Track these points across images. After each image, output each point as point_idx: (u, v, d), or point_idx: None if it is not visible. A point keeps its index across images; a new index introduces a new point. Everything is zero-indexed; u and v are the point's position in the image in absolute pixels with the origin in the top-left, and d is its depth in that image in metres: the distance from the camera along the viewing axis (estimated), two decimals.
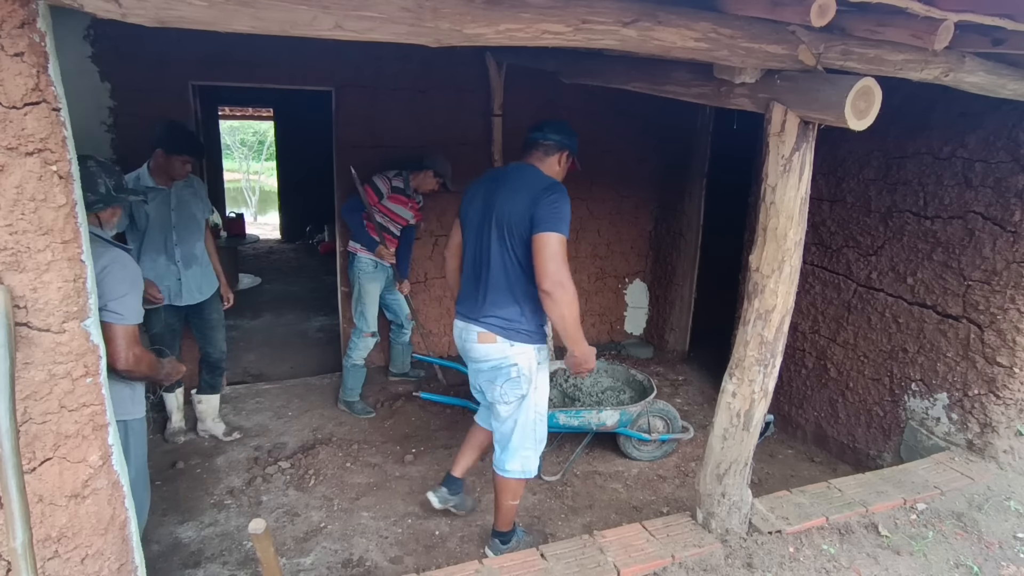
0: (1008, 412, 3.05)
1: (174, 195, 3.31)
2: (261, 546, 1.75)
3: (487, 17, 1.64)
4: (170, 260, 3.35)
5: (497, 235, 2.38)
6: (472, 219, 2.51)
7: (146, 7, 1.37)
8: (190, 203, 3.39)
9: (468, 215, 2.55)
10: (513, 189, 2.36)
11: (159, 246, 3.31)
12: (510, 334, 2.42)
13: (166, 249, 3.33)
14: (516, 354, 2.43)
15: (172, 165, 3.21)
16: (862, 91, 1.83)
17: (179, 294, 3.39)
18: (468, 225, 2.54)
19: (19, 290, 1.47)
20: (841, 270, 3.80)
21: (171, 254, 3.34)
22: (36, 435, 1.56)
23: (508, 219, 2.34)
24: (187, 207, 3.38)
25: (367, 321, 4.05)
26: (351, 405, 4.15)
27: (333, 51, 3.41)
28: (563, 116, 4.71)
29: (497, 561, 2.33)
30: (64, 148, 1.49)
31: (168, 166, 3.21)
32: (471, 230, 2.52)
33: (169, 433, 3.72)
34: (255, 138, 21.16)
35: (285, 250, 9.50)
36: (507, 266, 2.39)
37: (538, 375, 2.50)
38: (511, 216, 2.33)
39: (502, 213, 2.36)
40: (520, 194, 2.33)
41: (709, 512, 2.54)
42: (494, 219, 2.38)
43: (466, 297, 2.55)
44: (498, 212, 2.37)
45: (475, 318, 2.47)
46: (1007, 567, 2.49)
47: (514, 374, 2.43)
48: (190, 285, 3.43)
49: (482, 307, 2.45)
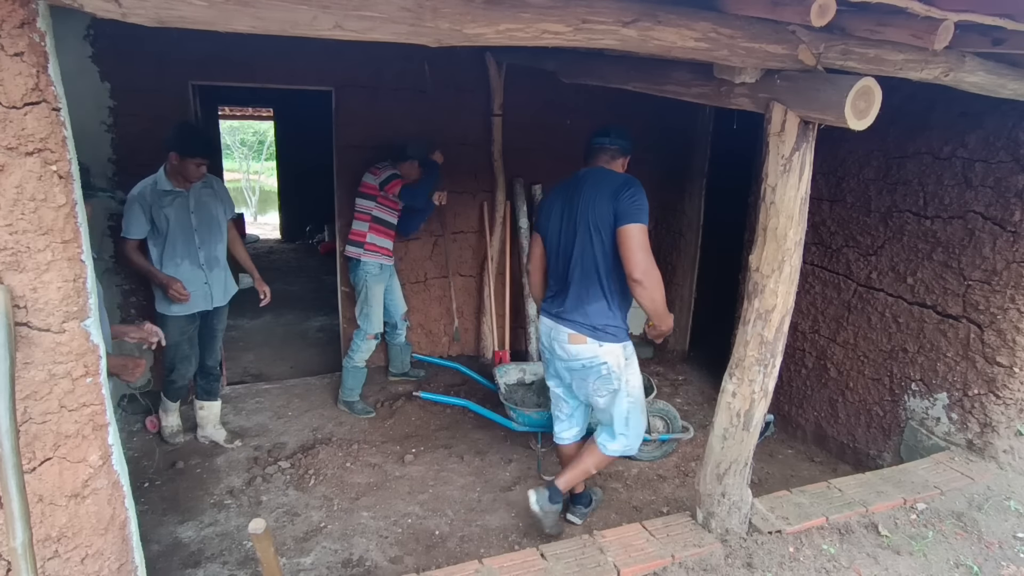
0: (1008, 412, 3.05)
1: (192, 197, 3.26)
2: (261, 546, 1.75)
3: (487, 17, 1.64)
4: (194, 264, 3.30)
5: (585, 235, 2.54)
6: (554, 227, 2.68)
7: (146, 7, 1.37)
8: (209, 204, 3.34)
9: (549, 225, 2.71)
10: (595, 190, 2.53)
11: (182, 250, 3.26)
12: (599, 335, 2.57)
13: (189, 253, 3.28)
14: (605, 354, 2.58)
15: (186, 168, 3.15)
16: (862, 91, 1.83)
17: (207, 298, 3.36)
18: (550, 233, 2.70)
19: (19, 290, 1.47)
20: (841, 270, 3.80)
21: (194, 258, 3.29)
22: (36, 435, 1.56)
23: (595, 218, 2.50)
24: (207, 208, 3.33)
25: (372, 323, 4.05)
26: (351, 405, 4.15)
27: (333, 51, 3.41)
28: (563, 116, 4.73)
29: (497, 561, 2.33)
30: (64, 148, 1.49)
31: (183, 169, 3.15)
32: (554, 237, 2.68)
33: (169, 433, 3.67)
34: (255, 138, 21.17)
35: (285, 250, 9.50)
36: (597, 263, 2.54)
37: (627, 370, 2.67)
38: (597, 215, 2.49)
39: (588, 213, 2.52)
40: (601, 193, 2.50)
41: (709, 512, 2.54)
42: (580, 220, 2.55)
43: (554, 298, 2.70)
44: (583, 213, 2.53)
45: (565, 318, 2.62)
46: (1007, 567, 2.49)
47: (604, 372, 2.60)
48: (216, 288, 3.40)
49: (573, 307, 2.60)
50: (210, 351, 3.60)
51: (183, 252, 3.26)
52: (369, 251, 4.00)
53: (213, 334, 3.56)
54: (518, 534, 3.04)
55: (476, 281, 4.90)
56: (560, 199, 2.68)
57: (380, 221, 4.02)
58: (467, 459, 3.67)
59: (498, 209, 4.71)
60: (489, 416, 3.63)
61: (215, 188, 3.40)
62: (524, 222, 4.78)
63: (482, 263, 4.81)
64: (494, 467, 3.62)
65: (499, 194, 4.68)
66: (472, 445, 3.84)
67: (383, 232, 4.05)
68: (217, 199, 3.40)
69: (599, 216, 2.48)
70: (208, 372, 3.65)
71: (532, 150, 4.76)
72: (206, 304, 3.37)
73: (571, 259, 2.59)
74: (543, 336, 2.77)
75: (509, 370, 3.99)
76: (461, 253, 4.79)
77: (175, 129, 3.16)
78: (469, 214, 4.75)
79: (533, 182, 4.81)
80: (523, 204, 4.78)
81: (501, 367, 3.99)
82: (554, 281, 2.73)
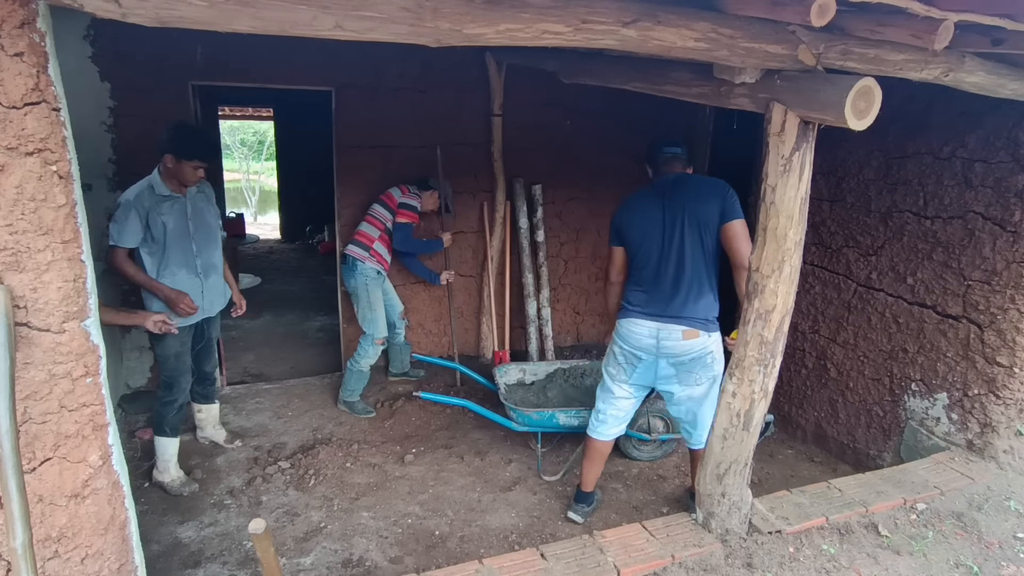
0: (1008, 412, 3.05)
1: (190, 203, 3.06)
2: (261, 546, 1.75)
3: (487, 17, 1.64)
4: (191, 272, 3.09)
5: (694, 235, 2.67)
6: (654, 233, 2.74)
7: (146, 7, 1.37)
8: (204, 210, 3.16)
9: (641, 231, 2.78)
10: (697, 192, 2.71)
11: (179, 258, 3.04)
12: (707, 325, 2.72)
13: (186, 262, 3.07)
14: (711, 342, 2.74)
15: (183, 171, 2.91)
16: (862, 91, 1.83)
17: (203, 308, 3.16)
18: (649, 239, 2.76)
19: (19, 290, 1.47)
20: (841, 270, 3.80)
21: (192, 266, 3.09)
22: (36, 435, 1.56)
23: (702, 218, 2.66)
24: (202, 215, 3.14)
25: (378, 327, 4.04)
26: (352, 405, 4.15)
27: (333, 51, 3.41)
28: (563, 116, 4.73)
29: (497, 561, 2.33)
30: (64, 148, 1.49)
31: (179, 172, 2.91)
32: (655, 242, 2.74)
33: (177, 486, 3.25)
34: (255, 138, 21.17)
35: (285, 250, 9.50)
36: (705, 260, 2.70)
37: (721, 357, 2.80)
38: (705, 215, 2.65)
39: (695, 214, 2.67)
40: (705, 194, 2.69)
41: (709, 512, 2.54)
42: (688, 222, 2.67)
43: (655, 301, 2.74)
44: (691, 215, 2.67)
45: (676, 316, 2.70)
46: (1007, 567, 2.49)
47: (709, 360, 2.74)
48: (212, 296, 3.24)
49: (683, 305, 2.70)
50: (207, 357, 3.48)
51: (180, 260, 3.04)
52: (373, 256, 4.01)
53: (211, 343, 3.44)
54: (518, 534, 3.04)
55: (476, 281, 4.90)
56: (654, 206, 2.75)
57: (391, 235, 4.04)
58: (467, 459, 3.67)
59: (498, 209, 4.71)
60: (489, 416, 3.63)
61: (208, 193, 3.22)
62: (524, 222, 4.78)
63: (482, 263, 4.81)
64: (494, 467, 3.62)
65: (499, 194, 4.68)
66: (472, 445, 3.84)
67: (389, 246, 4.07)
68: (210, 204, 3.23)
69: (707, 216, 2.66)
70: (205, 378, 3.54)
71: (532, 150, 4.76)
72: (204, 313, 3.20)
73: (682, 259, 2.70)
74: (638, 339, 2.76)
75: (509, 370, 3.99)
76: (461, 253, 4.79)
77: (171, 129, 2.92)
78: (469, 214, 4.75)
79: (533, 182, 4.81)
80: (523, 204, 4.78)
81: (501, 367, 3.99)
82: (651, 285, 2.76)
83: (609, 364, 2.93)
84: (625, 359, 2.84)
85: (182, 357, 3.15)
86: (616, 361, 2.88)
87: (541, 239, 4.86)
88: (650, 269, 2.77)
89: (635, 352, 2.80)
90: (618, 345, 2.86)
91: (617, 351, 2.87)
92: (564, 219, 5.05)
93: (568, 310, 5.30)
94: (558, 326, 5.19)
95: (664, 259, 2.73)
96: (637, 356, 2.80)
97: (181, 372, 3.17)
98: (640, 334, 2.76)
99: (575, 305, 5.32)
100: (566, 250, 5.14)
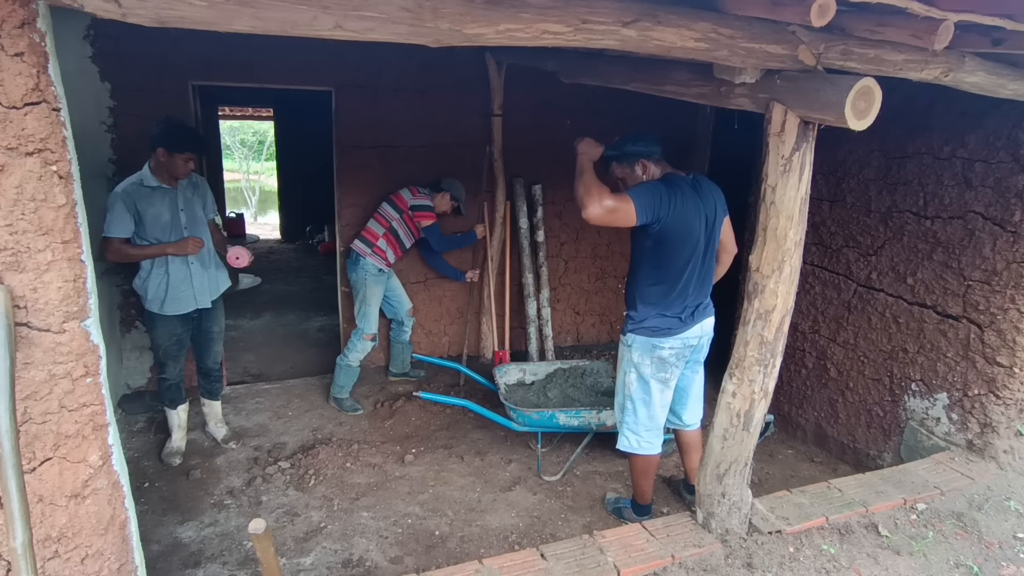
0: (1008, 412, 3.05)
1: (181, 195, 3.20)
2: (261, 546, 1.75)
3: (487, 17, 1.64)
4: (183, 262, 3.22)
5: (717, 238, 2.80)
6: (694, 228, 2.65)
7: (146, 7, 1.37)
8: (194, 202, 3.29)
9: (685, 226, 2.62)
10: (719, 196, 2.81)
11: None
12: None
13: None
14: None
15: (174, 164, 3.07)
16: (862, 91, 1.83)
17: (195, 299, 3.29)
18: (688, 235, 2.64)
19: (19, 290, 1.47)
20: (841, 270, 3.80)
21: (184, 257, 3.21)
22: (36, 435, 1.56)
23: (720, 220, 2.79)
24: (193, 207, 3.27)
25: (369, 323, 4.08)
26: (340, 402, 4.17)
27: (333, 51, 3.40)
28: (563, 116, 4.73)
29: (497, 561, 2.33)
30: (64, 148, 1.49)
31: (170, 165, 3.07)
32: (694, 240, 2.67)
33: (166, 453, 3.52)
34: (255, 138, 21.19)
35: (285, 250, 9.50)
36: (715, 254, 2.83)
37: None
38: (718, 214, 2.77)
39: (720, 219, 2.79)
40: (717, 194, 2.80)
41: (709, 512, 2.54)
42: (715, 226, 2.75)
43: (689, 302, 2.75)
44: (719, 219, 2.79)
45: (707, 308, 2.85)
46: (1007, 567, 2.49)
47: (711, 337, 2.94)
48: (204, 287, 3.33)
49: (707, 297, 2.86)
50: (208, 353, 3.56)
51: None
52: (375, 253, 4.04)
53: (209, 336, 3.51)
54: (518, 534, 3.04)
55: (476, 281, 4.90)
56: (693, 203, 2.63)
57: (396, 235, 4.09)
58: (467, 459, 3.67)
59: (498, 209, 4.71)
60: (489, 416, 3.62)
61: (197, 184, 3.34)
62: (524, 222, 4.78)
63: (482, 263, 4.81)
64: (494, 467, 3.62)
65: (499, 194, 4.68)
66: (472, 445, 3.84)
67: (394, 245, 4.11)
68: (198, 195, 3.33)
69: (719, 215, 2.79)
70: (208, 373, 3.63)
71: (532, 150, 4.76)
72: (196, 303, 3.31)
73: (709, 260, 2.79)
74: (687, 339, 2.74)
75: (509, 370, 3.99)
76: (461, 253, 4.78)
77: (161, 124, 3.05)
78: (469, 214, 4.75)
79: (533, 182, 4.81)
80: (523, 204, 4.78)
81: (501, 367, 3.99)
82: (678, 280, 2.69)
83: (657, 373, 2.76)
84: (677, 357, 2.77)
85: (170, 349, 3.36)
86: (667, 364, 2.75)
87: (541, 239, 4.86)
88: (680, 264, 2.68)
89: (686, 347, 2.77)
90: (664, 350, 2.73)
91: (666, 355, 2.73)
92: (564, 219, 5.05)
93: (568, 310, 5.30)
94: (558, 326, 5.19)
95: (698, 258, 2.70)
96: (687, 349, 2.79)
97: (170, 358, 3.39)
98: (689, 338, 2.77)
99: (575, 305, 5.32)
100: (566, 250, 5.14)
